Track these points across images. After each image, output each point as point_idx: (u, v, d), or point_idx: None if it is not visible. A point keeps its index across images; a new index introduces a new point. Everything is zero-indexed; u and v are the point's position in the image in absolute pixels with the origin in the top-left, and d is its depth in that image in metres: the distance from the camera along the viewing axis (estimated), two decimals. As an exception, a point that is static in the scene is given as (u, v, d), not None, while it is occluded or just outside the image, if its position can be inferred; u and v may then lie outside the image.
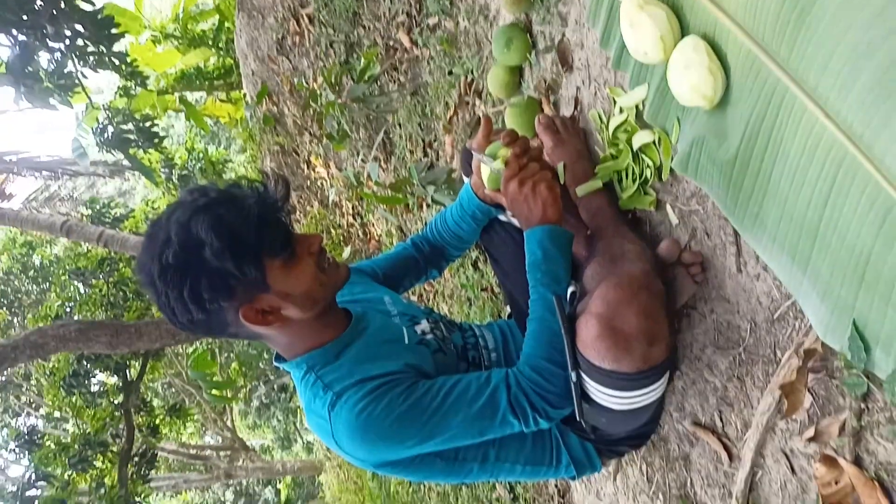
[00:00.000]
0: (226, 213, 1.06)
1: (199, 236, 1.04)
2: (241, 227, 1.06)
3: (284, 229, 1.14)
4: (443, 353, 1.34)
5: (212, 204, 1.07)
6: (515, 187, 1.27)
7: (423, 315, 1.43)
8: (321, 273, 1.19)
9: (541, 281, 1.26)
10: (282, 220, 1.15)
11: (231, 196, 1.10)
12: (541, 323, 1.23)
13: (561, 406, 1.18)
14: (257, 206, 1.10)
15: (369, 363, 1.21)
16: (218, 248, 1.03)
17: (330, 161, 3.98)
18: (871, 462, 1.04)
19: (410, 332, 1.34)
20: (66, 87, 3.89)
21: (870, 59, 0.80)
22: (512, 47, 1.66)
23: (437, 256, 1.65)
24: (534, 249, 1.27)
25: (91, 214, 6.83)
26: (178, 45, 6.17)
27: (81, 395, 5.80)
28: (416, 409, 1.14)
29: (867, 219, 0.87)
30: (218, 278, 1.05)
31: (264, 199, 1.12)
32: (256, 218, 1.08)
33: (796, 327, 1.13)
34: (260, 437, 16.60)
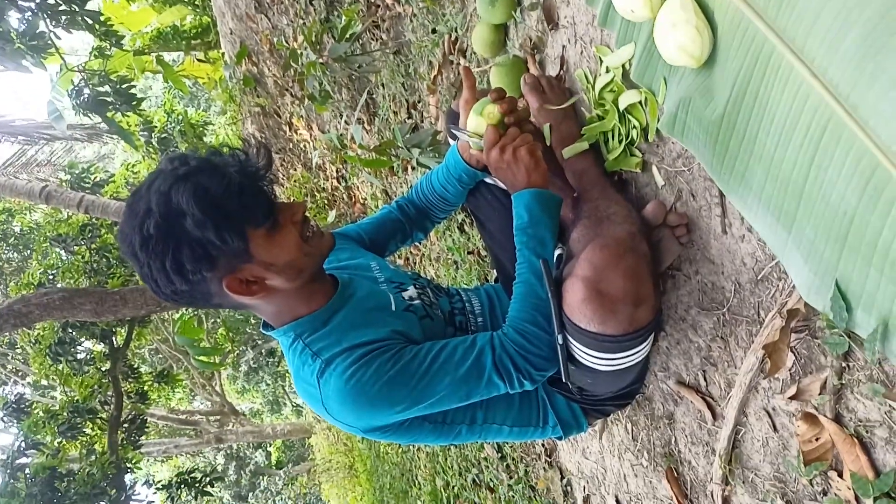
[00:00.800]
0: (207, 181, 1.04)
1: (181, 206, 1.02)
2: (223, 196, 1.04)
3: (267, 198, 1.12)
4: (430, 318, 1.34)
5: (192, 172, 1.05)
6: (497, 155, 1.28)
7: (409, 281, 1.42)
8: (305, 242, 1.18)
9: (526, 244, 1.26)
10: (264, 188, 1.13)
11: (212, 164, 1.07)
12: (526, 286, 1.24)
13: (544, 368, 1.20)
14: (239, 175, 1.08)
15: (357, 330, 1.21)
16: (200, 217, 1.02)
17: (312, 123, 3.92)
18: (850, 419, 1.06)
19: (398, 299, 1.33)
20: (39, 48, 3.78)
21: (858, 15, 0.79)
22: (497, 4, 1.62)
23: (423, 219, 1.65)
24: (520, 213, 1.28)
25: (70, 180, 6.71)
26: (152, 3, 6.00)
27: (68, 363, 5.79)
28: (404, 374, 1.15)
29: (851, 180, 0.86)
30: (200, 248, 1.04)
31: (246, 168, 1.10)
32: (238, 187, 1.06)
33: (780, 288, 1.13)
34: (249, 402, 16.72)
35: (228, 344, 8.73)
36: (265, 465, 15.71)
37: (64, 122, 4.25)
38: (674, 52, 1.04)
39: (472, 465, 3.13)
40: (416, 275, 1.49)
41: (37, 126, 7.62)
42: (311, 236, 1.20)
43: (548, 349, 1.19)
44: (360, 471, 9.86)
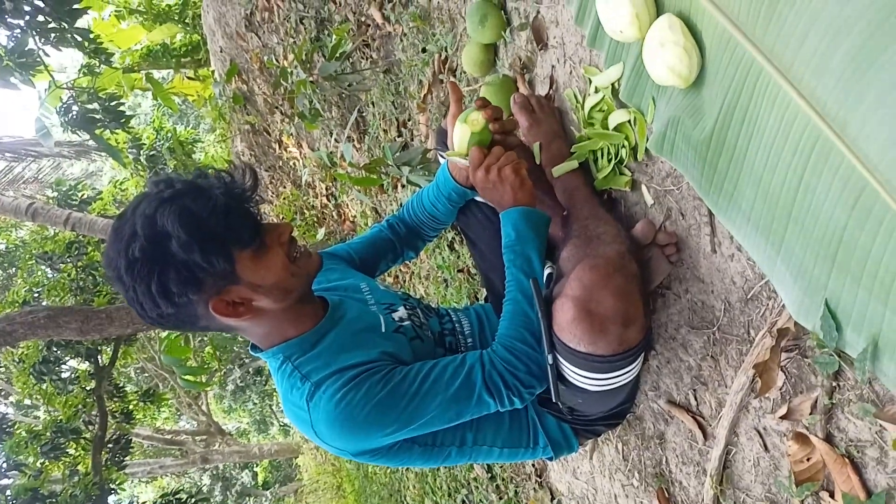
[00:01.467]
0: (192, 203, 1.03)
1: (166, 229, 1.01)
2: (208, 219, 1.03)
3: (253, 219, 1.12)
4: (420, 339, 1.33)
5: (178, 195, 1.04)
6: (482, 175, 1.28)
7: (400, 302, 1.41)
8: (292, 263, 1.17)
9: (514, 262, 1.26)
10: (250, 210, 1.12)
11: (197, 186, 1.07)
12: (514, 304, 1.24)
13: (533, 385, 1.20)
14: (224, 197, 1.07)
15: (346, 352, 1.19)
16: (185, 240, 1.01)
17: (302, 141, 3.92)
18: (841, 439, 1.06)
19: (388, 320, 1.32)
20: (28, 66, 3.77)
21: (845, 36, 0.80)
22: (486, 24, 1.63)
23: (414, 238, 1.64)
24: (508, 231, 1.28)
25: (57, 197, 6.67)
26: (142, 21, 6.01)
27: (52, 382, 5.70)
28: (394, 396, 1.13)
29: (840, 199, 0.87)
30: (186, 271, 1.03)
31: (231, 189, 1.10)
32: (223, 208, 1.05)
33: (769, 307, 1.13)
34: (236, 421, 16.54)
35: (215, 363, 8.64)
36: (252, 486, 15.50)
37: (51, 138, 4.24)
38: (662, 73, 1.05)
39: (462, 485, 3.09)
40: (406, 295, 1.48)
41: (24, 143, 7.58)
42: (299, 257, 1.19)
43: (536, 366, 1.19)
44: (348, 491, 9.74)
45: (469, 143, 1.32)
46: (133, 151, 6.35)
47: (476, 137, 1.31)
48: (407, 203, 1.62)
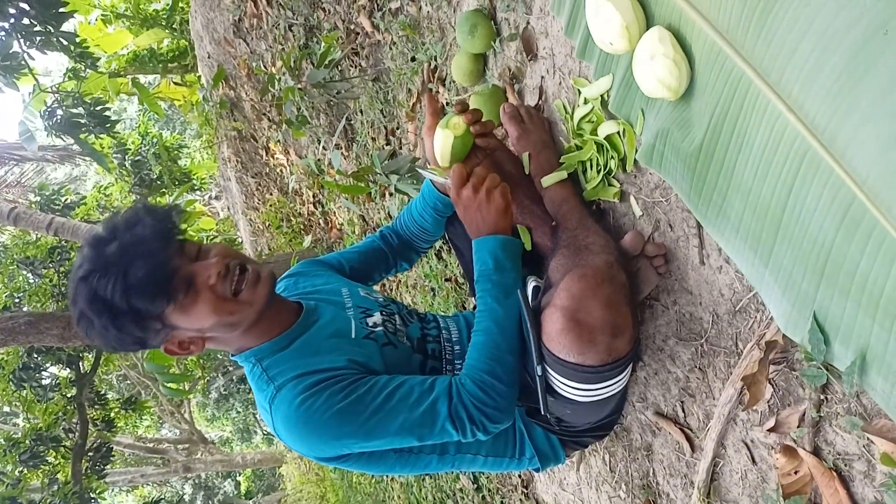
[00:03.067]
0: (98, 285, 1.07)
1: (88, 310, 1.10)
2: (114, 300, 1.07)
3: (169, 277, 1.11)
4: (392, 346, 1.31)
5: (88, 275, 1.09)
6: (469, 194, 1.23)
7: (377, 307, 1.40)
8: (228, 301, 1.16)
9: (490, 292, 1.22)
10: (166, 266, 1.11)
11: (106, 263, 1.08)
12: (486, 335, 1.21)
13: (499, 420, 1.17)
14: (136, 263, 1.08)
15: (313, 357, 1.20)
16: (102, 322, 1.09)
17: (289, 147, 3.90)
18: (829, 452, 1.06)
19: (359, 326, 1.31)
20: (12, 69, 3.72)
21: (833, 51, 0.80)
22: (476, 34, 1.63)
23: (406, 249, 1.64)
24: (484, 259, 1.24)
25: (40, 201, 6.58)
26: (129, 26, 5.98)
27: (32, 389, 5.62)
28: (355, 408, 1.13)
29: (829, 212, 0.87)
30: (126, 334, 1.12)
31: (144, 250, 1.09)
32: (129, 287, 1.07)
33: (758, 319, 1.13)
34: (219, 429, 16.38)
35: (198, 370, 8.55)
36: (234, 495, 15.33)
37: (35, 142, 4.19)
38: (652, 85, 1.05)
39: (448, 496, 3.07)
40: (388, 301, 1.47)
41: (7, 147, 7.49)
42: (242, 289, 1.17)
43: (505, 402, 1.17)
44: (331, 501, 9.66)
45: (452, 149, 1.30)
46: (118, 156, 6.30)
47: (459, 142, 1.29)
48: (399, 215, 1.62)
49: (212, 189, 10.14)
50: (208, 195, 11.06)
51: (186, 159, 7.72)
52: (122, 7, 5.96)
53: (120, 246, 1.09)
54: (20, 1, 3.38)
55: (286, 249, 4.37)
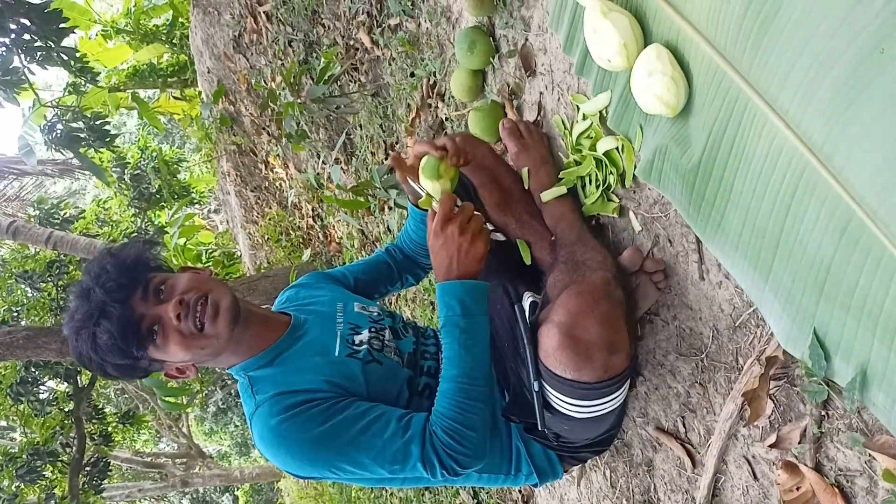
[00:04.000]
0: (79, 346, 1.17)
1: (79, 361, 1.21)
2: (96, 358, 1.17)
3: (131, 333, 1.16)
4: (377, 363, 1.31)
5: (70, 334, 1.19)
6: (454, 231, 1.16)
7: (367, 324, 1.39)
8: (196, 338, 1.19)
9: (458, 339, 1.18)
10: (127, 324, 1.16)
11: (83, 320, 1.16)
12: (455, 383, 1.17)
13: (470, 465, 1.17)
14: (96, 327, 1.15)
15: (293, 374, 1.23)
16: (98, 367, 1.20)
17: (289, 162, 3.91)
18: (831, 468, 1.06)
19: (343, 344, 1.32)
20: (13, 84, 3.74)
21: (830, 69, 0.81)
22: (475, 51, 1.64)
23: (410, 265, 1.64)
24: (452, 304, 1.18)
25: (39, 215, 6.58)
26: (129, 41, 6.00)
27: (29, 404, 5.58)
28: (329, 436, 1.14)
29: (827, 229, 0.87)
30: (121, 373, 1.22)
31: (103, 308, 1.15)
32: (104, 344, 1.14)
33: (758, 335, 1.14)
34: (217, 444, 16.28)
35: (197, 384, 8.52)
36: (232, 510, 15.21)
37: (34, 157, 4.20)
38: (650, 102, 1.06)
39: (447, 511, 3.05)
40: (382, 315, 1.46)
41: (7, 160, 7.50)
42: (204, 324, 1.20)
43: (476, 448, 1.16)
44: (330, 516, 9.58)
45: (442, 189, 1.24)
46: (117, 170, 6.30)
47: (451, 185, 1.25)
48: (400, 233, 1.64)
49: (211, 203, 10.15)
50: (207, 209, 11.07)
51: (186, 173, 7.73)
52: (123, 22, 5.99)
53: (88, 308, 1.16)
54: (21, 16, 3.40)
55: (285, 263, 4.37)
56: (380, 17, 2.25)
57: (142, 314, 1.17)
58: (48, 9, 3.45)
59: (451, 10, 1.84)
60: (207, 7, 4.14)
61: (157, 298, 1.19)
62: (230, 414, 13.43)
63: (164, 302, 1.19)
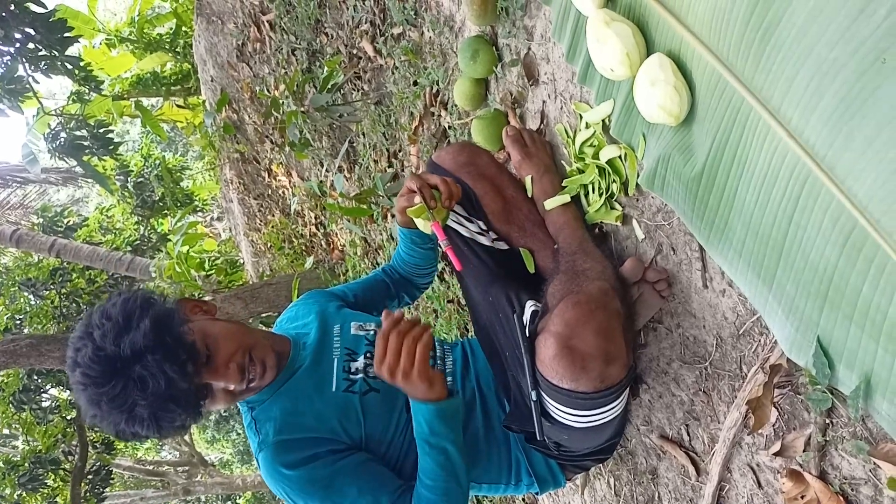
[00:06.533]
0: (130, 426, 1.11)
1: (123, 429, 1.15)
2: (148, 435, 1.14)
3: (187, 409, 1.14)
4: (374, 391, 1.33)
5: (105, 413, 1.11)
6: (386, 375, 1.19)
7: (363, 348, 1.40)
8: (243, 392, 1.26)
9: (430, 454, 1.22)
10: (182, 402, 1.13)
11: (125, 403, 1.09)
12: (432, 493, 1.21)
13: None
14: (155, 409, 1.10)
15: (293, 416, 1.26)
16: (156, 436, 1.17)
17: (292, 170, 3.92)
18: (835, 476, 1.05)
19: (340, 374, 1.33)
20: (17, 92, 3.77)
21: (833, 78, 0.81)
22: (478, 59, 1.65)
23: (406, 283, 1.68)
24: (420, 422, 1.23)
25: (43, 223, 6.61)
26: (133, 50, 6.04)
27: (32, 412, 5.59)
28: (326, 500, 1.21)
29: (830, 237, 0.88)
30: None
31: (160, 392, 1.09)
32: (166, 424, 1.13)
33: (762, 343, 1.14)
34: (219, 452, 16.26)
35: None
36: (234, 518, 15.16)
37: (38, 165, 4.21)
38: (653, 110, 1.06)
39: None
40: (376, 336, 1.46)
41: (10, 168, 7.53)
42: (254, 381, 1.25)
43: None
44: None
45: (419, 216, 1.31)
46: (120, 178, 6.33)
47: (443, 220, 1.31)
48: (393, 255, 1.67)
49: (214, 210, 10.18)
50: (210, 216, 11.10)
51: (189, 181, 7.76)
52: (126, 31, 6.02)
53: (146, 394, 1.08)
54: (26, 26, 3.43)
55: (288, 271, 4.38)
56: (383, 26, 2.26)
57: (197, 385, 1.15)
58: (53, 18, 3.47)
59: (454, 20, 1.85)
60: (211, 16, 4.16)
61: (205, 364, 1.17)
62: (232, 422, 13.41)
63: (214, 368, 1.19)
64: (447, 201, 1.30)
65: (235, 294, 3.86)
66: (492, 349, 1.44)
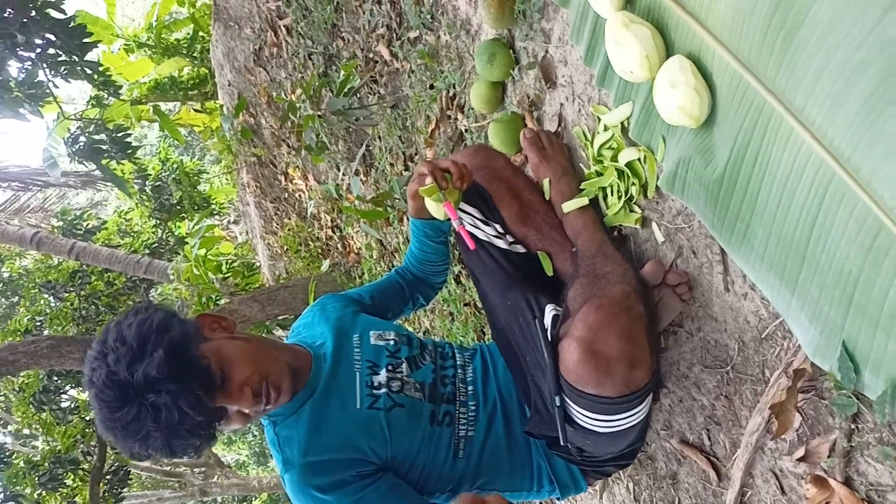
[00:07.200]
0: (140, 450, 1.12)
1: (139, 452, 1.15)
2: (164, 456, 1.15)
3: (202, 433, 1.14)
4: (399, 406, 1.31)
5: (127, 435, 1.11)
6: None
7: (384, 361, 1.38)
8: (255, 415, 1.24)
9: None
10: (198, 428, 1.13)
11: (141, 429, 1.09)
12: None
13: None
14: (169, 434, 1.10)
15: (319, 436, 1.25)
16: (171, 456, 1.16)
17: (308, 173, 3.94)
18: (861, 483, 1.04)
19: (364, 390, 1.32)
20: (37, 97, 3.81)
21: (859, 79, 0.80)
22: (495, 63, 1.65)
23: (420, 283, 1.67)
24: None
25: (62, 226, 6.70)
26: (151, 55, 6.10)
27: (52, 412, 5.65)
28: None
29: (856, 241, 0.86)
30: None
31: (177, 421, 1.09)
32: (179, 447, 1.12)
33: (785, 347, 1.12)
34: (235, 453, 16.36)
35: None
36: (250, 520, 15.24)
37: (58, 168, 4.27)
38: (673, 113, 1.06)
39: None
40: (397, 346, 1.44)
41: (31, 172, 7.63)
42: (270, 403, 1.22)
43: None
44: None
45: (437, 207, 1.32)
46: (139, 182, 6.40)
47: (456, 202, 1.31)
48: (405, 257, 1.67)
49: (231, 214, 10.25)
50: (227, 220, 11.18)
51: (206, 184, 7.82)
52: (144, 36, 6.08)
53: (158, 420, 1.08)
54: (47, 32, 3.47)
55: (304, 274, 4.40)
56: (399, 30, 2.27)
57: (210, 409, 1.14)
58: (72, 24, 3.52)
59: (471, 23, 1.85)
60: (228, 21, 4.19)
61: (219, 387, 1.16)
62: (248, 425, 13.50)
63: (227, 391, 1.17)
64: (458, 182, 1.30)
65: (252, 297, 3.88)
66: (510, 353, 1.43)
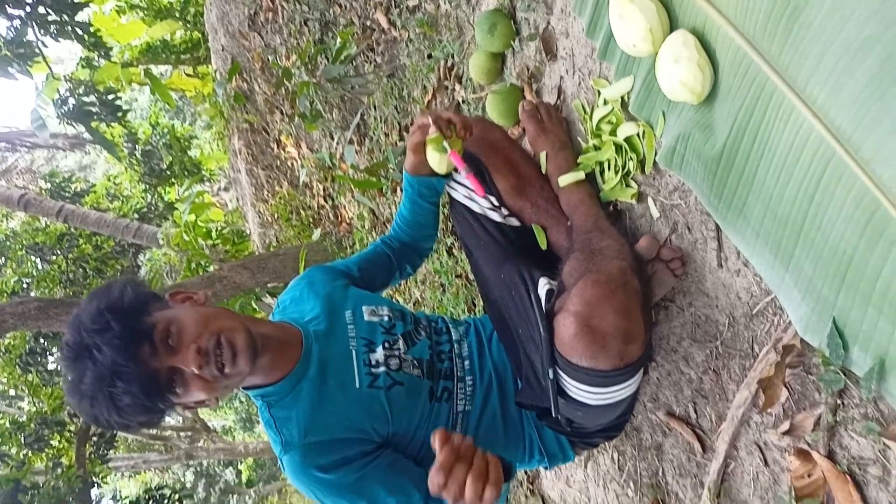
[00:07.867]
0: (97, 412, 1.11)
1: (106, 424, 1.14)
2: (119, 421, 1.12)
3: (151, 392, 1.11)
4: (398, 384, 1.31)
5: (83, 401, 1.11)
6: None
7: (380, 337, 1.37)
8: (217, 379, 1.16)
9: None
10: (144, 382, 1.10)
11: (89, 392, 1.09)
12: None
13: None
14: (112, 393, 1.08)
15: (318, 416, 1.24)
16: (123, 427, 1.15)
17: (301, 141, 3.91)
18: (844, 456, 1.07)
19: (362, 369, 1.31)
20: (26, 57, 3.75)
21: (863, 58, 0.81)
22: (496, 33, 1.63)
23: (408, 250, 1.63)
24: None
25: (50, 188, 6.63)
26: (143, 17, 5.99)
27: (38, 374, 5.66)
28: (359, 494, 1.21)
29: (852, 219, 0.88)
30: (146, 425, 1.19)
31: (115, 370, 1.08)
32: (127, 408, 1.10)
33: (775, 323, 1.14)
34: (221, 418, 16.44)
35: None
36: (235, 484, 15.38)
37: (47, 130, 4.21)
38: (675, 88, 1.06)
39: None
40: (391, 321, 1.43)
41: (19, 133, 7.52)
42: (225, 366, 1.16)
43: None
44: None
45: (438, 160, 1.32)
46: (128, 146, 6.32)
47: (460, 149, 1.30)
48: (393, 223, 1.63)
49: (221, 180, 10.17)
50: (217, 186, 11.09)
51: (196, 150, 7.74)
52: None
53: (97, 371, 1.08)
54: (37, -10, 3.41)
55: (295, 242, 4.38)
56: (398, -3, 2.24)
57: (157, 368, 1.12)
58: (64, -18, 3.45)
59: (472, -8, 1.83)
60: (222, -17, 4.12)
61: (168, 346, 1.14)
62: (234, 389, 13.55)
63: (176, 351, 1.14)
64: (462, 131, 1.29)
65: (242, 264, 3.87)
66: (503, 326, 1.44)
